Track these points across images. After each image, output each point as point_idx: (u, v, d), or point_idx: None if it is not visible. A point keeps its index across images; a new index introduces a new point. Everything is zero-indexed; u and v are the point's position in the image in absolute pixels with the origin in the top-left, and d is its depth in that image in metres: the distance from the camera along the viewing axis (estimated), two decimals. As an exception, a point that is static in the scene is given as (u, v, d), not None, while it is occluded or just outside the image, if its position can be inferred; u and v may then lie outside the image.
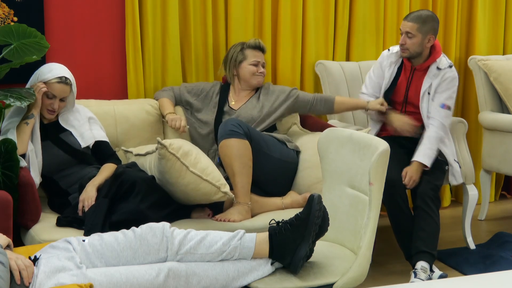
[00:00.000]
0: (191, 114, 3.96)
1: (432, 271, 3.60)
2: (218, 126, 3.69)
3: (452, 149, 4.00)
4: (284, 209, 3.57)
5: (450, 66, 3.92)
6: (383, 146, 2.74)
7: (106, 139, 3.62)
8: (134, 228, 2.64)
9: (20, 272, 2.42)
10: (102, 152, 3.57)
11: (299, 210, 2.73)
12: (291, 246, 2.65)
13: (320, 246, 2.80)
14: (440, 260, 3.99)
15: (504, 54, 4.97)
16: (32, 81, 3.45)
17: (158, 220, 2.73)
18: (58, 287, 2.39)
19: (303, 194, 3.61)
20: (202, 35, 4.20)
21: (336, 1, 4.52)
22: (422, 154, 3.79)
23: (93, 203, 3.20)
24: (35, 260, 2.52)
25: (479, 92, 4.56)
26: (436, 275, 3.60)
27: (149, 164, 3.39)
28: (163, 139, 3.77)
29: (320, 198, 2.67)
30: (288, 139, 3.83)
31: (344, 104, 3.98)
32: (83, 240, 2.61)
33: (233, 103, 3.93)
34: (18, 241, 3.23)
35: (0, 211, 2.95)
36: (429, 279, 3.55)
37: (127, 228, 2.67)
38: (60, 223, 3.22)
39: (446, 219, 4.66)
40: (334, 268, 2.73)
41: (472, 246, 4.23)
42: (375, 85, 4.05)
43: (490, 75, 4.48)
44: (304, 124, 4.12)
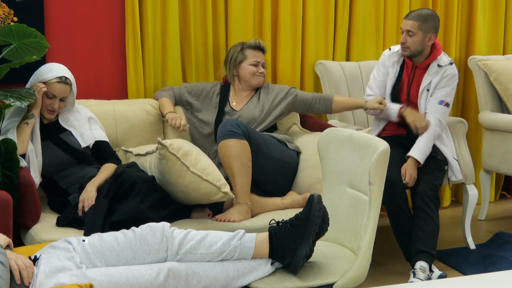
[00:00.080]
0: (191, 114, 3.96)
1: (431, 271, 3.60)
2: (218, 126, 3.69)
3: (451, 147, 4.00)
4: (284, 209, 3.57)
5: (451, 63, 3.92)
6: (383, 146, 2.74)
7: (106, 139, 3.62)
8: (134, 228, 2.64)
9: (20, 272, 2.42)
10: (102, 152, 3.57)
11: (299, 210, 2.72)
12: (291, 246, 2.65)
13: (320, 246, 2.80)
14: (440, 260, 3.99)
15: (504, 54, 4.96)
16: (32, 81, 3.45)
17: (158, 220, 2.73)
18: (58, 287, 2.39)
19: (303, 194, 3.61)
20: (202, 35, 4.20)
21: (336, 1, 4.52)
22: (416, 150, 3.79)
23: (93, 203, 3.19)
24: (35, 260, 2.52)
25: (479, 92, 4.56)
26: (436, 275, 3.60)
27: (149, 164, 3.38)
28: (163, 139, 3.77)
29: (320, 198, 2.67)
30: (288, 139, 3.83)
31: (343, 104, 3.98)
32: (83, 240, 2.61)
33: (234, 103, 3.92)
34: (18, 241, 3.23)
35: (0, 211, 2.95)
36: (428, 279, 3.55)
37: (127, 228, 2.66)
38: (60, 223, 3.22)
39: (446, 219, 4.66)
40: (334, 268, 2.73)
41: (472, 246, 4.23)
42: (381, 84, 4.02)
43: (490, 75, 4.48)
44: (304, 124, 4.12)
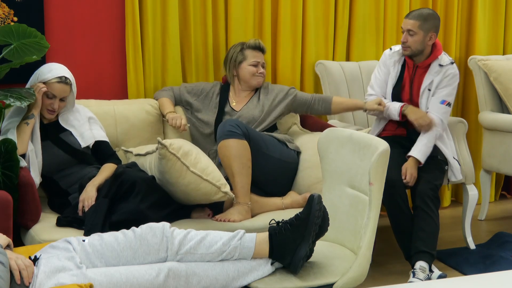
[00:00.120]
0: (191, 114, 3.96)
1: (431, 271, 3.60)
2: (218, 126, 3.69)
3: (451, 147, 4.00)
4: (284, 209, 3.57)
5: (452, 63, 3.93)
6: (383, 146, 2.74)
7: (106, 139, 3.62)
8: (134, 228, 2.64)
9: (20, 272, 2.42)
10: (102, 152, 3.57)
11: (299, 210, 2.72)
12: (291, 246, 2.64)
13: (320, 246, 2.80)
14: (440, 260, 3.99)
15: (504, 54, 4.96)
16: (32, 81, 3.45)
17: (158, 220, 2.73)
18: (58, 287, 2.39)
19: (303, 194, 3.61)
20: (202, 35, 4.20)
21: (336, 1, 4.52)
22: (417, 150, 3.79)
23: (93, 203, 3.19)
24: (35, 260, 2.52)
25: (479, 92, 4.56)
26: (435, 275, 3.60)
27: (149, 164, 3.38)
28: (163, 139, 3.77)
29: (320, 198, 2.67)
30: (288, 139, 3.83)
31: (342, 105, 3.98)
32: (83, 240, 2.61)
33: (234, 103, 3.92)
34: (18, 241, 3.23)
35: (0, 211, 2.95)
36: (428, 279, 3.54)
37: (127, 228, 2.66)
38: (60, 223, 3.22)
39: (446, 219, 4.66)
40: (334, 268, 2.73)
41: (472, 246, 4.22)
42: (383, 84, 4.02)
43: (490, 75, 4.48)
44: (304, 124, 4.12)
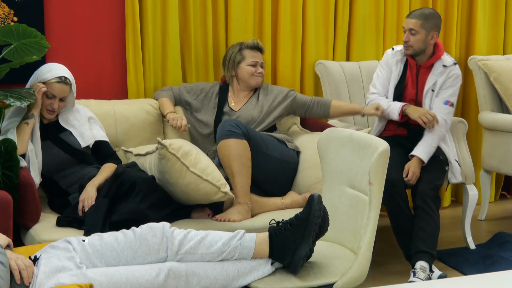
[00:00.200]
0: (190, 114, 3.96)
1: (431, 271, 3.60)
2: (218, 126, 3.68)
3: (453, 148, 4.01)
4: (284, 209, 3.57)
5: (455, 63, 3.94)
6: (383, 146, 2.74)
7: (106, 139, 3.62)
8: (134, 228, 2.64)
9: (20, 272, 2.42)
10: (102, 152, 3.57)
11: (299, 210, 2.72)
12: (291, 246, 2.64)
13: (320, 246, 2.80)
14: (440, 260, 3.99)
15: (504, 54, 4.96)
16: (32, 81, 3.45)
17: (158, 220, 2.72)
18: (58, 287, 2.39)
19: (303, 194, 3.61)
20: (202, 35, 4.20)
21: (336, 1, 4.52)
22: (421, 150, 3.80)
23: (93, 203, 3.19)
24: (35, 260, 2.52)
25: (479, 92, 4.56)
26: (436, 275, 3.60)
27: (149, 164, 3.38)
28: (163, 139, 3.77)
29: (320, 198, 2.67)
30: (288, 139, 3.83)
31: (340, 109, 3.98)
32: (83, 240, 2.61)
33: (233, 104, 3.92)
34: (18, 241, 3.23)
35: (0, 211, 2.95)
36: (428, 279, 3.54)
37: (127, 228, 2.66)
38: (60, 223, 3.22)
39: (446, 219, 4.65)
40: (334, 268, 2.73)
41: (472, 246, 4.22)
42: (385, 83, 4.02)
43: (490, 75, 4.48)
44: (304, 124, 4.12)
